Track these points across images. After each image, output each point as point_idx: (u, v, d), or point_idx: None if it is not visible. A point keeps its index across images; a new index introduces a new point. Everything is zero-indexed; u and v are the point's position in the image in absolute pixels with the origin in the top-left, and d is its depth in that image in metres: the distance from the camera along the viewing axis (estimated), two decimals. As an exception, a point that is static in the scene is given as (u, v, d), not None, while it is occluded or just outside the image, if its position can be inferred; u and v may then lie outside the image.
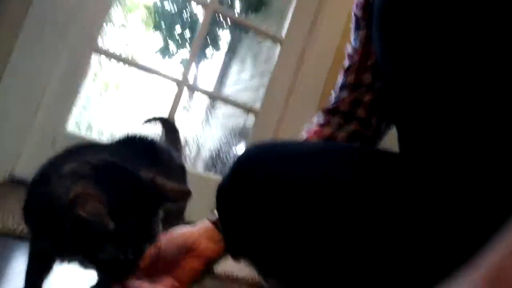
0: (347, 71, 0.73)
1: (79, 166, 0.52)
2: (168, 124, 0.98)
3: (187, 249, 0.62)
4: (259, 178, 0.56)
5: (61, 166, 0.53)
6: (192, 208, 0.81)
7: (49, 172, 0.54)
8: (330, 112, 0.73)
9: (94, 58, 1.67)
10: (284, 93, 1.87)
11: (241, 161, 0.61)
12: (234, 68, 3.23)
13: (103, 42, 1.48)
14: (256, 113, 1.97)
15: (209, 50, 4.81)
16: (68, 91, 1.64)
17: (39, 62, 1.52)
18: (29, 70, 1.50)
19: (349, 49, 0.74)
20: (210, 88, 2.33)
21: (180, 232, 0.65)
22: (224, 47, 4.56)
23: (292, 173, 0.54)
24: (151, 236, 0.54)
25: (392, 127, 0.74)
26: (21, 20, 1.46)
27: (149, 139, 0.75)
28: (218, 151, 2.30)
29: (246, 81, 2.66)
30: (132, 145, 0.70)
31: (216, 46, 4.85)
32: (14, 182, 1.49)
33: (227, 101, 2.14)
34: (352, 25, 0.74)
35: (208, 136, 2.42)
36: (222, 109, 2.50)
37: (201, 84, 1.72)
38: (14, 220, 1.08)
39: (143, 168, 0.56)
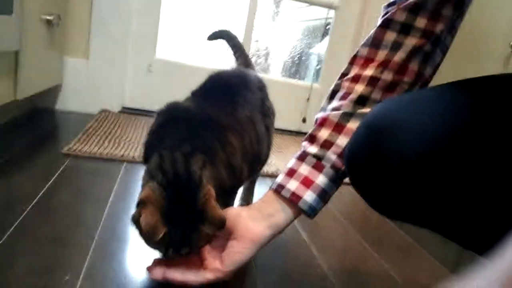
0: None
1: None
2: (227, 35, 1.02)
3: (229, 231, 0.60)
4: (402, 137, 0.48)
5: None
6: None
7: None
8: (382, 26, 0.61)
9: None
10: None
11: (374, 119, 0.53)
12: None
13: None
14: (335, 7, 1.90)
15: None
16: (149, 19, 1.74)
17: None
18: (111, 11, 1.63)
19: None
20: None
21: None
22: None
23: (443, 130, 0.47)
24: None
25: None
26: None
27: (225, 77, 0.78)
28: (295, 52, 2.27)
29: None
30: (211, 91, 0.74)
31: None
32: (125, 112, 1.69)
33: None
34: None
35: (281, 38, 2.37)
36: (294, 6, 2.39)
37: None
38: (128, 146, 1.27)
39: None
